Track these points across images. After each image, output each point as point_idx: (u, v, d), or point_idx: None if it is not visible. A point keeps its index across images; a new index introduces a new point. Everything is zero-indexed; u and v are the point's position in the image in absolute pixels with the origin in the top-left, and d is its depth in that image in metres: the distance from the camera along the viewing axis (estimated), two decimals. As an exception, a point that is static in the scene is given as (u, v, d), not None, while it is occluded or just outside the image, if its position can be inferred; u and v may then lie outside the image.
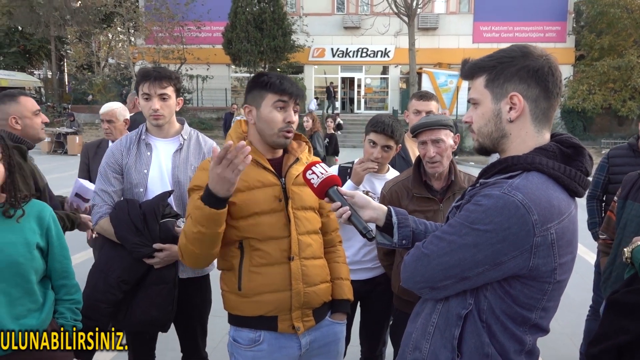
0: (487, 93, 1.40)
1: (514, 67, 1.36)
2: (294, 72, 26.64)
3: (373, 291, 2.86)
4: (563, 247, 1.31)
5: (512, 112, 1.37)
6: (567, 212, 1.31)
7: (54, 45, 26.93)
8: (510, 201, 1.26)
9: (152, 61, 23.48)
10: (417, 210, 2.47)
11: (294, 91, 1.95)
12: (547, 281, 1.32)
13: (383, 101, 28.68)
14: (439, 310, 1.45)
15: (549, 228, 1.27)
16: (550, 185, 1.31)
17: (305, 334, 2.02)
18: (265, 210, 1.95)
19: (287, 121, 1.96)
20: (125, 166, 2.53)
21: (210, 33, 25.41)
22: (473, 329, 1.36)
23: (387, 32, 25.20)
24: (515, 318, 1.35)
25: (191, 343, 2.74)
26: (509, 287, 1.32)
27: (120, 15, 23.34)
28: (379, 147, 2.67)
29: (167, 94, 2.53)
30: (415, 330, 1.51)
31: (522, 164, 1.34)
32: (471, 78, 1.46)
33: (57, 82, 29.22)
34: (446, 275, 1.35)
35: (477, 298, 1.36)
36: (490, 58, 1.40)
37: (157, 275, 2.40)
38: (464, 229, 1.32)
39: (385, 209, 1.66)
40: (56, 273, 2.10)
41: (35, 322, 1.97)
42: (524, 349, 1.38)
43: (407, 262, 1.46)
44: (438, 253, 1.36)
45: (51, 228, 2.06)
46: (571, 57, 25.77)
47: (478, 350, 1.35)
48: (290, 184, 2.01)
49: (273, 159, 2.05)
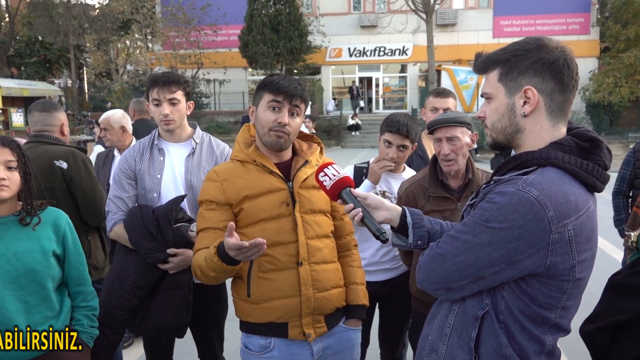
0: (500, 87, 1.37)
1: (528, 60, 1.32)
2: (311, 73, 26.61)
3: (392, 292, 2.83)
4: (582, 244, 1.27)
5: (527, 106, 1.34)
6: (585, 208, 1.28)
7: (73, 54, 27.33)
8: (525, 198, 1.23)
9: (169, 66, 23.65)
10: (434, 210, 2.42)
11: (288, 90, 1.90)
12: (566, 279, 1.28)
13: (402, 100, 28.41)
14: (455, 311, 1.42)
15: (566, 224, 1.23)
16: (566, 181, 1.27)
17: (317, 340, 1.98)
18: (271, 216, 1.92)
19: (278, 122, 1.91)
20: (139, 172, 2.55)
21: (227, 37, 25.54)
22: (490, 330, 1.33)
23: (405, 29, 24.97)
24: (534, 318, 1.31)
25: (208, 348, 2.73)
26: (527, 286, 1.29)
27: (137, 22, 23.61)
28: (394, 147, 2.63)
29: (176, 98, 2.53)
30: (431, 332, 1.49)
31: (537, 160, 1.30)
32: (484, 72, 1.42)
33: (77, 90, 29.71)
34: (461, 275, 1.33)
35: (494, 298, 1.34)
36: (504, 51, 1.37)
37: (172, 280, 2.40)
38: (478, 228, 1.29)
39: (400, 210, 1.62)
40: (73, 280, 2.11)
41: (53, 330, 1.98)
42: (543, 349, 1.34)
43: (421, 263, 1.43)
44: (453, 253, 1.34)
45: (67, 235, 2.08)
46: (596, 50, 25.18)
47: (496, 351, 1.32)
48: (297, 188, 1.97)
49: (281, 162, 2.02)
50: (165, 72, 2.59)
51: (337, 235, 2.12)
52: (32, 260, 1.93)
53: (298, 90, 1.92)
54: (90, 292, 2.17)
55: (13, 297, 1.90)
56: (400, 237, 1.62)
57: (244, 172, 1.97)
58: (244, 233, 1.93)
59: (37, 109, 2.96)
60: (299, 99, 1.93)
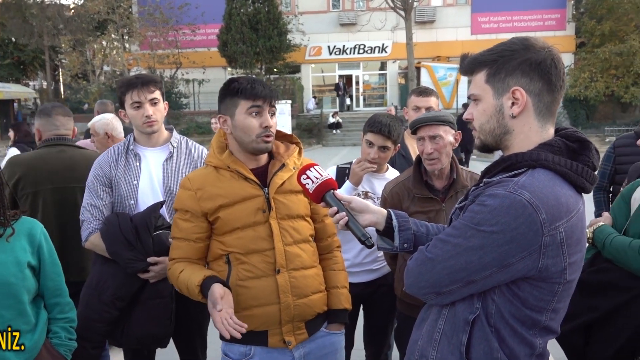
0: (488, 88, 1.35)
1: (515, 61, 1.31)
2: (291, 71, 26.53)
3: (375, 293, 2.81)
4: (572, 246, 1.26)
5: (515, 107, 1.32)
6: (576, 210, 1.27)
7: (48, 55, 26.82)
8: (517, 200, 1.21)
9: (147, 67, 23.35)
10: (418, 211, 2.40)
11: (266, 94, 1.88)
12: (557, 282, 1.27)
13: (382, 97, 28.50)
14: (445, 316, 1.40)
15: (557, 227, 1.22)
16: (557, 182, 1.26)
17: (298, 346, 1.95)
18: (247, 224, 1.90)
19: (264, 126, 1.88)
20: (114, 178, 2.46)
21: (205, 36, 25.32)
22: (481, 334, 1.31)
23: (384, 27, 25.06)
24: (525, 321, 1.30)
25: (191, 356, 2.68)
26: (518, 289, 1.28)
27: (113, 22, 23.25)
28: (376, 148, 2.60)
29: (156, 98, 2.48)
30: (420, 338, 1.47)
31: (527, 161, 1.29)
32: (471, 73, 1.40)
33: (53, 92, 29.12)
34: (452, 279, 1.30)
35: (485, 302, 1.32)
36: (491, 52, 1.35)
37: (153, 289, 2.34)
38: (469, 231, 1.27)
39: (385, 212, 1.59)
40: (49, 291, 2.04)
41: (28, 344, 1.91)
42: (534, 352, 1.33)
43: (410, 267, 1.40)
44: (443, 257, 1.31)
45: (42, 245, 2.00)
46: (572, 45, 25.55)
47: (487, 356, 1.31)
48: (273, 193, 1.93)
49: (257, 168, 1.98)
50: (138, 74, 2.51)
51: (318, 238, 2.09)
52: (7, 273, 1.85)
53: (273, 91, 1.91)
54: (68, 303, 2.10)
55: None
56: (386, 240, 1.59)
57: (218, 180, 1.92)
58: (221, 241, 1.91)
59: (59, 112, 2.95)
60: (275, 100, 1.93)
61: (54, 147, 2.87)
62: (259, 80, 1.92)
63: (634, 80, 22.01)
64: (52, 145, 2.87)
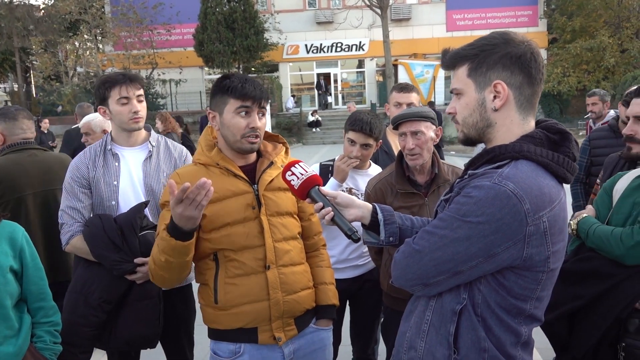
0: (470, 82, 1.38)
1: (496, 55, 1.33)
2: (269, 70, 26.43)
3: (361, 289, 2.83)
4: (555, 235, 1.29)
5: (497, 100, 1.35)
6: (558, 199, 1.30)
7: (18, 56, 26.19)
8: (502, 191, 1.24)
9: (122, 67, 22.97)
10: (402, 206, 2.41)
11: (256, 95, 1.87)
12: (541, 270, 1.30)
13: (361, 95, 28.60)
14: (432, 307, 1.42)
15: (541, 216, 1.25)
16: (539, 173, 1.29)
17: (288, 343, 1.96)
18: (237, 220, 1.88)
19: (251, 127, 1.88)
20: (93, 179, 2.42)
21: (181, 36, 25.07)
22: (468, 324, 1.34)
23: (361, 25, 25.17)
24: (510, 310, 1.33)
25: (179, 355, 2.66)
26: (503, 278, 1.31)
27: (86, 23, 22.82)
28: (358, 146, 2.63)
29: (142, 95, 2.48)
30: (409, 329, 1.48)
31: (510, 153, 1.32)
32: (453, 68, 1.43)
33: (25, 95, 28.45)
34: (439, 270, 1.33)
35: (471, 292, 1.35)
36: (472, 46, 1.38)
37: (141, 290, 2.32)
38: (455, 222, 1.29)
39: (370, 207, 1.60)
40: (32, 296, 2.02)
41: (12, 349, 1.90)
42: (519, 340, 1.36)
43: (397, 260, 1.42)
44: (430, 248, 1.33)
45: (24, 249, 1.98)
46: (544, 41, 26.00)
47: (475, 345, 1.34)
48: (263, 190, 1.93)
49: (246, 165, 1.97)
50: (121, 72, 2.50)
51: (305, 236, 2.10)
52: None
53: (264, 92, 1.90)
54: (52, 307, 2.08)
55: None
56: (371, 234, 1.60)
57: (207, 176, 1.87)
58: (208, 238, 1.88)
59: (24, 116, 2.88)
60: (265, 101, 1.92)
61: (23, 151, 2.81)
62: (251, 79, 1.90)
63: (604, 74, 22.52)
64: (20, 150, 2.80)
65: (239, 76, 1.90)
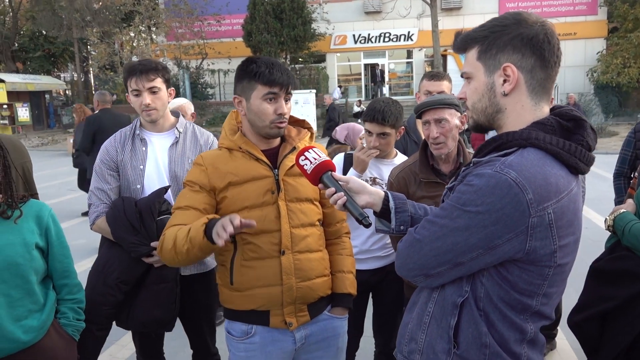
0: (479, 66, 1.32)
1: (507, 36, 1.27)
2: (316, 61, 26.43)
3: (384, 281, 2.78)
4: (563, 228, 1.22)
5: (506, 84, 1.28)
6: (567, 190, 1.22)
7: (77, 47, 27.34)
8: (503, 180, 1.18)
9: (173, 58, 23.55)
10: (425, 196, 2.34)
11: (284, 81, 1.86)
12: (547, 265, 1.23)
13: (408, 86, 28.15)
14: (434, 299, 1.38)
15: (546, 207, 1.18)
16: (547, 162, 1.22)
17: (300, 328, 1.97)
18: (255, 204, 1.89)
19: (279, 113, 1.87)
20: (121, 163, 2.48)
21: (230, 26, 25.41)
22: (470, 318, 1.30)
23: (409, 14, 24.69)
24: (515, 305, 1.27)
25: (200, 339, 2.70)
26: (507, 272, 1.25)
27: (139, 14, 23.49)
28: (375, 136, 2.57)
29: (156, 86, 2.45)
30: (411, 321, 1.46)
31: (518, 140, 1.25)
32: (464, 51, 1.37)
33: (82, 84, 29.69)
34: (439, 261, 1.29)
35: (474, 285, 1.30)
36: (482, 28, 1.32)
37: (158, 274, 2.35)
38: (455, 212, 1.25)
39: (382, 194, 1.57)
40: (57, 273, 2.09)
41: (36, 323, 1.96)
42: (525, 337, 1.30)
43: (400, 249, 1.39)
44: (430, 238, 1.30)
45: (50, 227, 2.04)
46: (604, 30, 24.74)
47: (475, 340, 1.29)
48: (283, 175, 1.93)
49: (269, 149, 1.98)
50: (142, 60, 2.50)
51: (327, 223, 2.09)
52: (14, 254, 1.89)
53: (291, 77, 1.89)
54: (76, 284, 2.14)
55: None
56: (384, 222, 1.57)
57: (230, 159, 1.93)
58: None
59: None
60: (292, 86, 1.91)
61: None
62: (278, 64, 1.88)
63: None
64: None
65: (266, 60, 1.88)
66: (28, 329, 1.93)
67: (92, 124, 6.37)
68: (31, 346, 1.95)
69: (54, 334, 2.04)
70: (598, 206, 7.37)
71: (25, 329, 1.93)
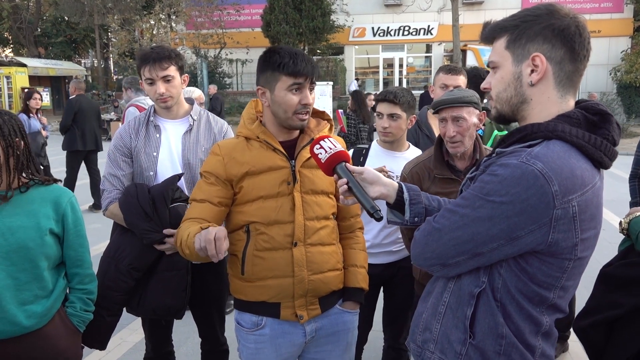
0: (507, 55, 1.31)
1: (538, 26, 1.26)
2: (334, 53, 26.27)
3: (396, 276, 2.77)
4: (586, 222, 1.22)
5: (534, 74, 1.27)
6: (591, 184, 1.22)
7: (97, 33, 27.57)
8: (529, 170, 1.17)
9: (192, 46, 23.61)
10: (439, 192, 2.29)
11: (308, 71, 1.83)
12: (567, 258, 1.23)
13: (426, 81, 27.86)
14: (450, 289, 1.38)
15: (570, 200, 1.18)
16: (572, 155, 1.21)
17: (310, 321, 1.95)
18: (271, 194, 1.88)
19: (303, 103, 1.85)
20: (134, 149, 2.48)
21: (250, 16, 25.35)
22: (487, 309, 1.30)
23: (430, 8, 24.41)
24: (532, 297, 1.27)
25: (209, 328, 2.71)
26: (526, 264, 1.25)
27: (160, 2, 23.57)
28: (385, 117, 2.58)
29: (170, 75, 2.44)
30: (425, 310, 1.46)
31: (543, 132, 1.24)
32: (491, 41, 1.36)
33: (102, 70, 29.96)
34: (458, 251, 1.28)
35: (491, 276, 1.29)
36: (514, 17, 1.31)
37: (169, 261, 2.35)
38: (478, 202, 1.24)
39: (397, 185, 1.55)
40: (70, 261, 2.07)
41: (40, 309, 1.93)
42: (540, 330, 1.31)
43: (417, 238, 1.38)
44: (450, 227, 1.28)
45: (67, 214, 2.02)
46: (629, 28, 24.19)
47: (492, 330, 1.29)
48: (299, 166, 1.92)
49: (287, 140, 1.95)
50: (155, 48, 2.49)
51: (341, 217, 2.07)
52: (25, 237, 1.88)
53: (315, 67, 1.87)
54: (88, 275, 2.11)
55: (4, 272, 1.87)
56: (396, 214, 1.56)
57: (247, 149, 1.92)
58: (242, 211, 1.90)
59: None
60: (317, 76, 1.90)
61: None
62: (301, 53, 1.86)
63: (695, 66, 20.74)
64: None
65: (289, 50, 1.85)
66: (31, 314, 1.91)
67: (74, 105, 7.57)
68: (32, 332, 1.93)
69: (58, 322, 2.01)
70: (617, 208, 7.24)
71: (29, 314, 1.91)
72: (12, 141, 1.90)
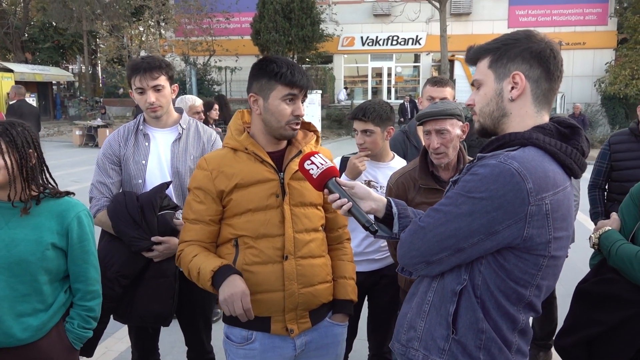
0: (490, 73, 1.44)
1: (517, 48, 1.40)
2: (323, 61, 26.42)
3: (378, 284, 2.80)
4: (558, 221, 1.32)
5: (514, 90, 1.41)
6: (562, 186, 1.33)
7: (86, 39, 27.47)
8: (506, 169, 1.28)
9: (181, 53, 23.61)
10: (424, 202, 2.35)
11: (304, 83, 1.86)
12: (542, 254, 1.33)
13: (414, 90, 28.09)
14: (434, 288, 1.46)
15: (543, 198, 1.28)
16: (546, 159, 1.33)
17: (300, 335, 1.95)
18: (259, 207, 1.87)
19: (296, 114, 1.87)
20: (123, 157, 2.50)
21: (239, 24, 25.44)
22: (468, 305, 1.38)
23: (418, 18, 24.70)
24: (510, 295, 1.36)
25: (195, 337, 2.72)
26: (504, 260, 1.34)
27: (149, 9, 23.56)
28: (359, 133, 2.63)
29: (160, 84, 2.47)
30: (410, 310, 1.53)
31: (520, 139, 1.37)
32: (475, 62, 1.49)
33: (90, 76, 29.81)
34: (441, 247, 1.37)
35: (472, 273, 1.38)
36: (495, 41, 1.46)
37: (157, 269, 2.36)
38: (460, 199, 1.34)
39: (385, 200, 1.63)
40: (73, 276, 2.02)
41: (37, 323, 1.91)
42: (516, 327, 1.40)
43: (403, 239, 1.48)
44: (434, 224, 1.38)
45: (73, 229, 1.96)
46: (613, 41, 24.67)
47: (473, 325, 1.37)
48: (288, 179, 1.91)
49: (275, 152, 1.95)
50: (146, 58, 2.51)
51: (329, 229, 2.08)
52: (25, 250, 1.86)
53: (310, 80, 1.91)
54: (91, 292, 2.03)
55: (4, 282, 1.85)
56: (383, 227, 1.62)
57: (234, 161, 1.90)
58: (230, 224, 1.89)
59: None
60: (310, 89, 1.93)
61: None
62: (297, 66, 1.88)
63: (677, 78, 21.16)
64: None
65: (285, 61, 1.85)
66: (27, 327, 1.89)
67: (15, 111, 8.18)
68: (26, 345, 1.90)
69: (54, 337, 1.97)
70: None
71: (24, 327, 1.88)
72: (26, 153, 1.89)
